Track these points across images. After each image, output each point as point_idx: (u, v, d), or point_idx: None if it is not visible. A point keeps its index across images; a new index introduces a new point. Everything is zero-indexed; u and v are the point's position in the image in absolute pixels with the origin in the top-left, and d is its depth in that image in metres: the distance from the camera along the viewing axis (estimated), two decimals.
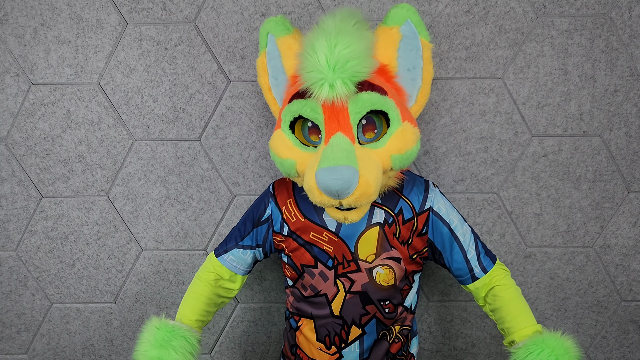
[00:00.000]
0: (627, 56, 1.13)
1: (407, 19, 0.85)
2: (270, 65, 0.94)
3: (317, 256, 0.93)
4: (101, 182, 1.25)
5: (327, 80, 0.74)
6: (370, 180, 0.76)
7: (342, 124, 0.79)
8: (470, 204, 1.24)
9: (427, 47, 0.88)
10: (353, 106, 0.78)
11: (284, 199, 0.96)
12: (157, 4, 1.14)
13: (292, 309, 1.02)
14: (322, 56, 0.73)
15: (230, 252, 0.99)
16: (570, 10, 1.12)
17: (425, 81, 0.90)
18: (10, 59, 1.17)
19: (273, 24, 0.91)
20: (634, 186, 1.22)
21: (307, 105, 0.80)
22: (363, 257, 0.92)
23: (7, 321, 1.35)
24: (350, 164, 0.74)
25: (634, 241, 1.25)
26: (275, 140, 0.86)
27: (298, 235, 0.94)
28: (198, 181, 1.24)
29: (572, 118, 1.17)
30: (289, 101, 0.83)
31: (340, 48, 0.73)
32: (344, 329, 0.96)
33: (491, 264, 0.95)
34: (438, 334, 1.35)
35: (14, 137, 1.22)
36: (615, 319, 1.32)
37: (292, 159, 0.83)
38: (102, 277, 1.32)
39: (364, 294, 0.93)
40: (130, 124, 1.21)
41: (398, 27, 0.86)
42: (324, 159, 0.75)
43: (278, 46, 0.91)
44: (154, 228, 1.28)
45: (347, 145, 0.77)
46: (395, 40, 0.86)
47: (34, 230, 1.28)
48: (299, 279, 0.97)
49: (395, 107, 0.80)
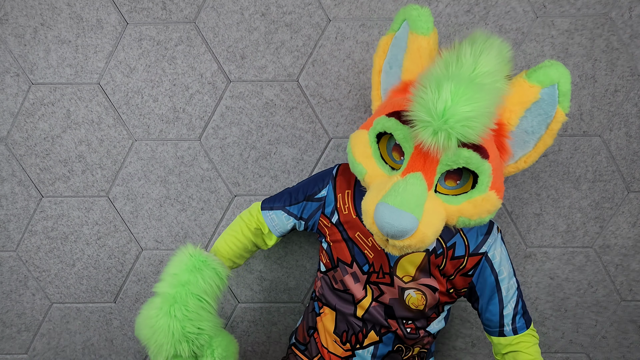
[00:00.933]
0: (628, 56, 1.13)
1: (555, 84, 0.74)
2: (392, 52, 0.84)
3: (356, 257, 0.91)
4: (101, 182, 1.25)
5: (433, 127, 0.67)
6: (427, 236, 0.71)
7: (426, 167, 0.74)
8: None
9: (560, 118, 0.77)
10: (447, 157, 0.72)
11: (344, 187, 0.93)
12: (157, 4, 1.14)
13: (319, 294, 1.01)
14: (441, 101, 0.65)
15: (274, 211, 0.98)
16: (571, 10, 1.12)
17: (537, 149, 0.81)
18: (10, 59, 1.17)
19: (415, 15, 0.78)
20: (634, 186, 1.22)
21: (402, 132, 0.74)
22: (400, 275, 0.89)
23: (7, 321, 1.35)
24: (414, 213, 0.69)
25: (634, 241, 1.25)
26: (358, 140, 0.81)
27: (344, 229, 0.91)
28: (198, 181, 1.24)
29: (572, 118, 1.17)
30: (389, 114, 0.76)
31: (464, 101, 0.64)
32: (362, 331, 0.95)
33: (524, 328, 0.90)
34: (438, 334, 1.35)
35: (14, 137, 1.22)
36: (615, 319, 1.32)
37: (364, 167, 0.80)
38: (102, 277, 1.32)
39: (389, 307, 0.92)
40: (130, 124, 1.21)
41: (539, 88, 0.75)
42: (392, 194, 0.71)
43: (408, 40, 0.80)
44: (154, 228, 1.28)
45: (420, 191, 0.71)
46: (529, 100, 0.76)
47: (34, 230, 1.28)
48: (332, 270, 0.95)
49: (489, 174, 0.73)
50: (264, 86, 1.18)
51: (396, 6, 1.12)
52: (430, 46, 0.79)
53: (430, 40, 0.79)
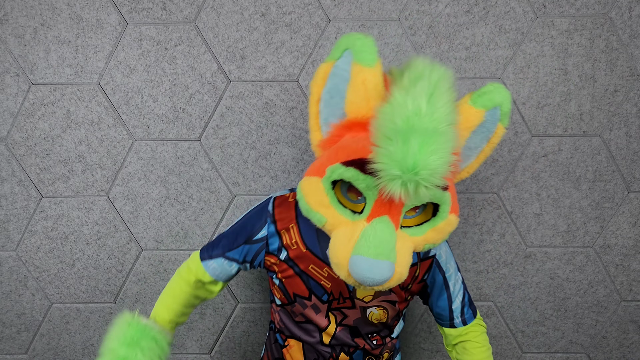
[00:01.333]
0: (627, 56, 1.13)
1: (498, 106, 0.79)
2: (332, 81, 0.78)
3: (313, 289, 0.88)
4: (101, 182, 1.25)
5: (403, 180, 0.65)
6: (403, 273, 0.72)
7: (392, 211, 0.72)
8: (470, 204, 1.24)
9: (500, 132, 0.82)
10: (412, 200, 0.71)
11: (286, 222, 0.88)
12: (157, 4, 1.14)
13: (279, 325, 0.98)
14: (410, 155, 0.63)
15: (214, 260, 0.92)
16: (570, 10, 1.12)
17: (478, 160, 0.85)
18: (10, 59, 1.17)
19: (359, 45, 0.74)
20: (634, 186, 1.22)
21: (365, 182, 0.71)
22: (360, 297, 0.89)
23: (7, 321, 1.35)
24: (390, 259, 0.69)
25: (634, 241, 1.25)
26: (310, 188, 0.76)
27: (295, 263, 0.87)
28: (198, 181, 1.24)
29: (572, 118, 1.17)
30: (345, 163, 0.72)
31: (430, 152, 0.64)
32: (332, 355, 0.95)
33: (472, 318, 0.94)
34: (438, 334, 1.35)
35: (14, 137, 1.22)
36: (615, 319, 1.31)
37: (324, 216, 0.75)
38: (102, 277, 1.32)
39: (354, 328, 0.92)
40: (130, 124, 1.21)
41: (485, 111, 0.79)
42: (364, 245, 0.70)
43: (352, 71, 0.75)
44: (154, 228, 1.28)
45: (390, 237, 0.70)
46: (475, 124, 0.80)
47: (34, 230, 1.28)
48: (289, 305, 0.93)
49: (449, 202, 0.74)
50: (264, 86, 1.18)
51: (396, 6, 1.12)
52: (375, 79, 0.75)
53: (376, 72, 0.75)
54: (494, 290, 1.31)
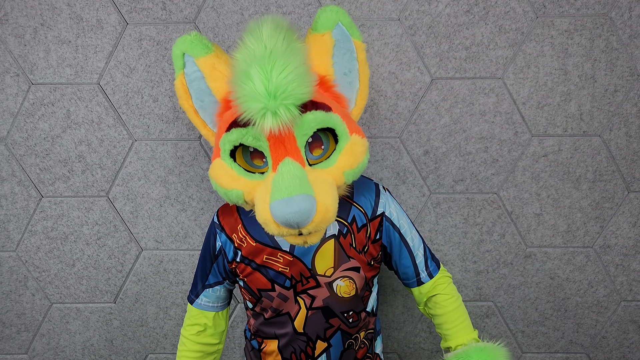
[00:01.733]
0: (627, 56, 1.13)
1: (337, 22, 0.81)
2: (193, 88, 0.86)
3: (274, 279, 0.90)
4: (101, 182, 1.25)
5: (269, 109, 0.69)
6: (328, 204, 0.73)
7: (289, 149, 0.75)
8: (470, 204, 1.24)
9: (360, 48, 0.84)
10: (299, 129, 0.74)
11: (233, 225, 0.91)
12: (157, 4, 1.14)
13: (253, 330, 0.99)
14: (259, 84, 0.68)
15: (202, 295, 0.97)
16: (570, 10, 1.12)
17: (363, 82, 0.86)
18: (10, 59, 1.17)
19: (189, 44, 0.82)
20: (634, 186, 1.22)
21: (249, 134, 0.75)
22: (321, 272, 0.89)
23: (7, 321, 1.35)
24: (306, 192, 0.70)
25: (634, 241, 1.25)
26: (217, 170, 0.80)
27: (251, 260, 0.90)
28: (198, 181, 1.24)
29: (572, 118, 1.17)
30: (227, 129, 0.77)
31: (277, 72, 0.68)
32: (309, 345, 0.94)
33: (437, 269, 0.96)
34: (438, 334, 1.35)
35: (14, 137, 1.22)
36: (615, 319, 1.32)
37: (238, 189, 0.78)
38: (102, 277, 1.32)
39: (326, 308, 0.91)
40: (130, 124, 1.21)
41: (330, 32, 0.81)
42: (276, 190, 0.71)
43: (200, 67, 0.83)
44: (154, 228, 1.28)
45: (298, 172, 0.72)
46: (328, 47, 0.82)
47: (34, 230, 1.28)
48: (258, 303, 0.94)
49: (341, 122, 0.77)
50: None
51: (396, 6, 1.12)
52: (220, 58, 0.83)
53: (217, 53, 0.83)
54: (494, 290, 1.31)
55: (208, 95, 0.85)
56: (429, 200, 1.24)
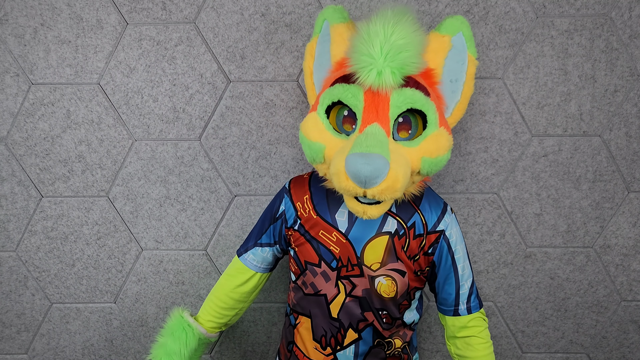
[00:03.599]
0: (627, 56, 1.13)
1: (460, 31, 0.85)
2: (319, 50, 0.92)
3: (322, 255, 0.92)
4: (101, 182, 1.25)
5: (376, 66, 0.73)
6: (399, 174, 0.74)
7: (380, 115, 0.78)
8: (470, 204, 1.24)
9: (472, 62, 0.87)
10: (395, 99, 0.77)
11: (300, 195, 0.95)
12: (157, 4, 1.14)
13: (292, 305, 1.02)
14: (376, 42, 0.73)
15: (250, 251, 1.01)
16: (570, 10, 1.12)
17: (465, 96, 0.89)
18: (10, 59, 1.17)
19: (331, 11, 0.90)
20: (634, 186, 1.22)
21: (350, 91, 0.78)
22: (368, 264, 0.90)
23: (7, 321, 1.35)
24: (383, 153, 0.72)
25: (634, 241, 1.25)
26: (308, 122, 0.84)
27: (306, 230, 0.93)
28: (198, 181, 1.24)
29: (572, 118, 1.17)
30: (332, 84, 0.82)
31: (396, 37, 0.73)
32: (340, 331, 0.95)
33: (477, 308, 0.95)
34: (438, 334, 1.35)
35: (14, 137, 1.22)
36: (615, 319, 1.32)
37: (321, 142, 0.82)
38: (102, 277, 1.32)
39: (364, 299, 0.92)
40: (130, 124, 1.21)
41: (450, 37, 0.85)
42: (356, 145, 0.74)
43: (330, 32, 0.90)
44: (154, 228, 1.28)
45: (381, 136, 0.76)
46: (445, 48, 0.86)
47: (34, 230, 1.28)
48: (301, 275, 0.96)
49: (435, 111, 0.79)
50: (264, 86, 1.18)
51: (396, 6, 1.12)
52: (350, 30, 0.89)
53: (349, 25, 0.89)
54: (494, 290, 1.31)
55: (327, 59, 0.90)
56: None
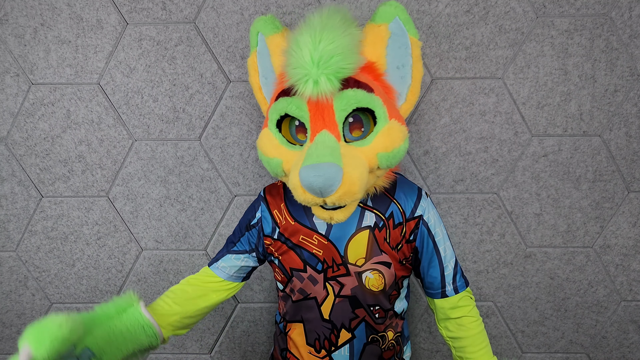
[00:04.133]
0: (627, 56, 1.13)
1: (395, 17, 0.84)
2: (261, 64, 0.94)
3: (307, 260, 0.92)
4: (101, 182, 1.25)
5: (311, 76, 0.73)
6: (355, 177, 0.73)
7: (327, 122, 0.77)
8: (470, 204, 1.24)
9: (416, 44, 0.86)
10: (338, 103, 0.77)
11: (277, 203, 0.95)
12: (157, 4, 1.14)
13: (283, 314, 1.01)
14: (306, 52, 0.72)
15: (222, 260, 0.97)
16: (570, 10, 1.12)
17: (415, 79, 0.88)
18: (10, 59, 1.17)
19: (262, 23, 0.91)
20: (634, 186, 1.22)
21: (293, 103, 0.79)
22: (353, 261, 0.90)
23: (7, 321, 1.35)
24: (334, 161, 0.72)
25: (634, 241, 1.25)
26: (263, 139, 0.85)
27: (287, 238, 0.92)
28: (198, 181, 1.24)
29: (572, 118, 1.17)
30: (275, 99, 0.82)
31: (324, 44, 0.72)
32: (333, 332, 0.95)
33: (464, 287, 0.95)
34: (438, 334, 1.35)
35: (14, 137, 1.22)
36: (615, 319, 1.31)
37: (278, 157, 0.82)
38: (102, 277, 1.32)
39: (353, 297, 0.92)
40: (130, 124, 1.21)
41: (386, 25, 0.85)
42: (307, 157, 0.74)
43: (267, 45, 0.91)
44: (154, 228, 1.28)
45: (331, 143, 0.76)
46: (383, 38, 0.85)
47: (34, 230, 1.28)
48: (288, 282, 0.96)
49: (382, 105, 0.79)
50: None
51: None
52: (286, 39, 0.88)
53: (284, 34, 0.90)
54: (494, 290, 1.31)
55: (271, 72, 0.92)
56: None
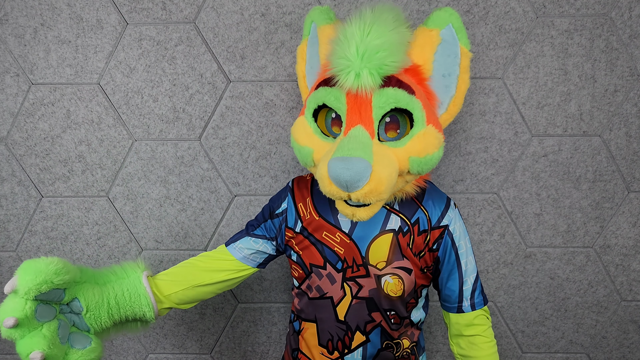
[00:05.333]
0: (627, 56, 1.13)
1: (449, 23, 0.82)
2: (309, 53, 0.93)
3: (327, 257, 0.91)
4: (101, 182, 1.25)
5: (353, 68, 0.72)
6: (383, 177, 0.72)
7: (363, 117, 0.77)
8: (470, 204, 1.24)
9: (466, 55, 0.84)
10: (377, 100, 0.76)
11: (302, 196, 0.94)
12: (157, 4, 1.14)
13: (296, 311, 1.00)
14: (352, 43, 0.72)
15: (240, 241, 0.97)
16: (570, 10, 1.12)
17: (460, 90, 0.86)
18: (10, 59, 1.17)
19: (317, 13, 0.90)
20: (634, 186, 1.22)
21: (332, 94, 0.78)
22: (373, 263, 0.89)
23: None
24: (364, 157, 0.71)
25: (634, 241, 1.25)
26: (297, 127, 0.84)
27: (310, 233, 0.92)
28: (198, 181, 1.24)
29: (572, 118, 1.17)
30: (316, 88, 0.82)
31: (372, 37, 0.71)
32: (347, 334, 0.93)
33: (482, 305, 0.93)
34: (438, 334, 1.35)
35: (14, 137, 1.22)
36: (615, 319, 1.32)
37: (310, 146, 0.81)
38: None
39: (370, 300, 0.91)
40: (130, 124, 1.21)
41: (438, 30, 0.83)
42: (339, 149, 0.73)
43: (318, 34, 0.90)
44: (154, 228, 1.28)
45: (364, 139, 0.75)
46: (433, 43, 0.83)
47: (34, 230, 1.28)
48: (306, 279, 0.94)
49: (421, 109, 0.77)
50: (264, 86, 1.18)
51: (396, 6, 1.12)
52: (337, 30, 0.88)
53: (335, 26, 0.88)
54: (494, 290, 1.31)
55: (317, 61, 0.90)
56: None
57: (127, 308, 0.85)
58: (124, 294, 0.85)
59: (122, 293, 0.84)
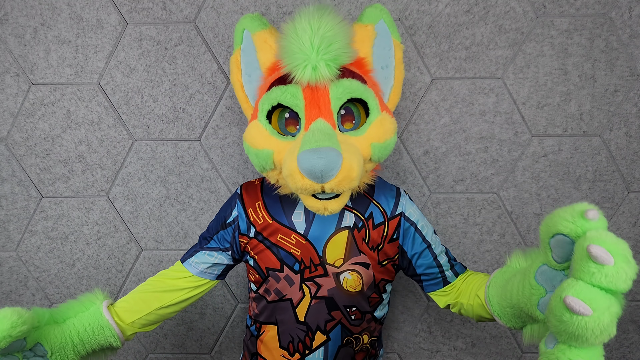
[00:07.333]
0: (627, 56, 1.13)
1: (380, 19, 0.87)
2: (245, 62, 0.92)
3: (284, 259, 0.90)
4: (101, 182, 1.25)
5: (310, 62, 0.74)
6: (353, 164, 0.74)
7: (322, 110, 0.78)
8: (470, 204, 1.24)
9: (398, 47, 0.89)
10: (334, 91, 0.77)
11: (252, 201, 0.94)
12: (157, 4, 1.14)
13: (254, 316, 0.99)
14: (305, 38, 0.73)
15: (195, 256, 0.95)
16: (570, 10, 1.12)
17: (397, 80, 0.90)
18: (10, 59, 1.17)
19: (249, 20, 0.91)
20: (634, 186, 1.22)
21: (288, 91, 0.78)
22: (331, 262, 0.90)
23: None
24: (334, 146, 0.72)
25: (634, 241, 1.25)
26: (251, 132, 0.83)
27: (265, 237, 0.91)
28: (198, 181, 1.24)
29: (572, 118, 1.17)
30: (268, 89, 0.82)
31: (324, 30, 0.73)
32: (308, 335, 0.93)
33: (463, 270, 0.94)
34: (438, 334, 1.35)
35: (14, 137, 1.22)
36: None
37: (268, 148, 0.81)
38: (102, 277, 1.32)
39: (330, 299, 0.91)
40: (130, 124, 1.21)
41: (373, 25, 0.87)
42: (305, 143, 0.73)
43: (254, 41, 0.90)
44: (154, 228, 1.28)
45: (328, 130, 0.76)
46: (370, 37, 0.87)
47: (34, 230, 1.28)
48: (264, 283, 0.94)
49: (374, 97, 0.80)
50: None
51: (396, 6, 1.12)
52: (273, 35, 0.89)
53: (271, 30, 0.90)
54: None
55: (256, 69, 0.91)
56: (428, 201, 1.24)
57: (92, 342, 0.84)
58: (87, 330, 0.84)
59: (84, 329, 0.84)
